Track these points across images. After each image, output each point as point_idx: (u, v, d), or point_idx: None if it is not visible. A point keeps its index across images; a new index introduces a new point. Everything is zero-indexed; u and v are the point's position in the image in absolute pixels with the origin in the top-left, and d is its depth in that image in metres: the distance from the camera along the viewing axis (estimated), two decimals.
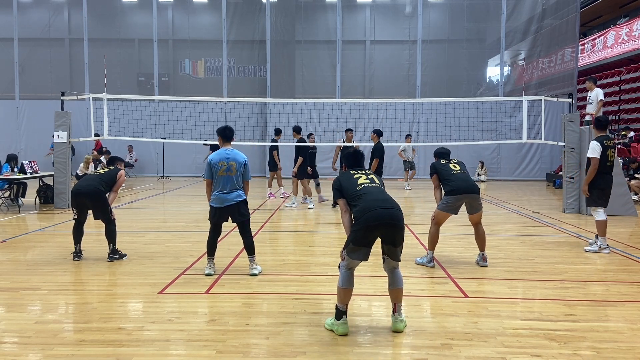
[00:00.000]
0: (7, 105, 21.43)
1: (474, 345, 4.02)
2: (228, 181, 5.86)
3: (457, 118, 17.39)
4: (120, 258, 6.77)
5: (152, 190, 16.09)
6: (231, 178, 5.85)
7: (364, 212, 4.18)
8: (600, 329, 4.38)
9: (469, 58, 21.40)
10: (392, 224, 4.18)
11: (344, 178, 4.54)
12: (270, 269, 6.36)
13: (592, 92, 11.74)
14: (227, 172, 5.82)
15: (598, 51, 21.42)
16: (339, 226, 9.20)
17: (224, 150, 5.98)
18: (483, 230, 6.70)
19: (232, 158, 5.88)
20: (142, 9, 22.48)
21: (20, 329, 4.32)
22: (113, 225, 6.79)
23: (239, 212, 5.93)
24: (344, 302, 4.26)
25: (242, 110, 20.18)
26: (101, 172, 6.98)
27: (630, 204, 11.04)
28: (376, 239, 4.27)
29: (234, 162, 5.87)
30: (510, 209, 12.08)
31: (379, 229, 4.18)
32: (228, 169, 5.82)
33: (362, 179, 4.47)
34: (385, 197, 4.33)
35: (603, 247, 7.37)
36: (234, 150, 6.03)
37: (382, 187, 4.52)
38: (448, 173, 6.55)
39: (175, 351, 3.92)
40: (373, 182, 4.47)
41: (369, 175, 4.55)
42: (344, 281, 4.27)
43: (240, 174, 5.92)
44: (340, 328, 4.23)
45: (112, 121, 13.63)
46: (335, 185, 4.54)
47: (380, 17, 22.34)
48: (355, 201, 4.31)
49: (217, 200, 5.88)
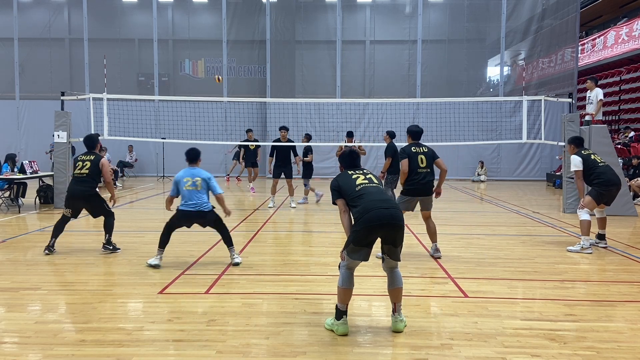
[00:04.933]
0: (7, 105, 21.43)
1: (474, 345, 4.02)
2: (193, 194, 6.36)
3: (457, 118, 17.38)
4: (113, 250, 7.07)
5: (152, 190, 16.09)
6: (196, 192, 6.38)
7: (364, 212, 4.17)
8: (600, 329, 4.38)
9: (469, 58, 21.40)
10: (392, 224, 4.18)
11: (342, 178, 4.52)
12: (270, 269, 6.36)
13: (592, 92, 11.75)
14: (192, 186, 6.37)
15: (598, 51, 21.42)
16: (338, 226, 9.19)
17: (188, 168, 6.52)
18: (434, 224, 7.03)
19: (196, 174, 6.44)
20: (142, 9, 22.49)
21: (20, 329, 4.32)
22: (112, 218, 7.19)
23: (206, 218, 6.44)
24: (344, 302, 4.27)
25: (242, 110, 20.19)
26: (86, 172, 7.14)
27: (630, 204, 11.04)
28: (377, 239, 4.27)
29: (199, 177, 6.41)
30: (510, 209, 12.08)
31: (380, 229, 4.17)
32: (193, 184, 6.38)
33: (360, 179, 4.45)
34: (384, 197, 4.32)
35: (585, 247, 7.27)
36: (197, 168, 6.55)
37: (381, 186, 4.52)
38: (414, 166, 6.82)
39: (175, 351, 3.92)
40: (371, 182, 4.45)
41: (367, 175, 4.53)
42: (344, 281, 4.27)
43: (204, 188, 6.43)
44: (340, 328, 4.24)
45: (112, 121, 13.63)
46: (333, 186, 4.51)
47: (380, 17, 22.34)
48: (354, 202, 4.30)
49: (183, 206, 6.41)
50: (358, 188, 4.35)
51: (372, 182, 4.45)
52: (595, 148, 10.88)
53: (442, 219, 10.37)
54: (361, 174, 4.52)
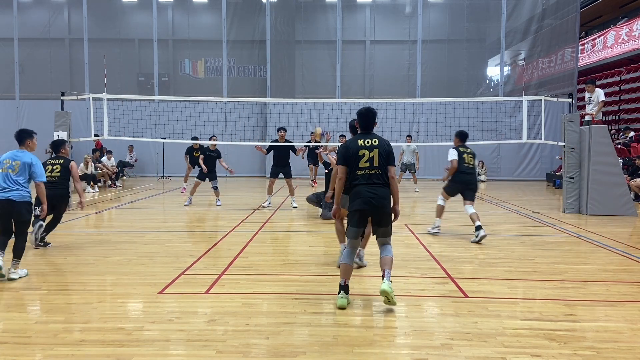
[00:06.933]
0: (7, 105, 21.44)
1: (474, 345, 4.02)
2: (7, 177, 5.88)
3: (457, 118, 17.36)
4: (44, 246, 7.39)
5: (152, 190, 16.09)
6: (8, 175, 5.88)
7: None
8: (600, 329, 4.38)
9: (469, 58, 21.40)
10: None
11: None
12: (270, 269, 6.36)
13: (593, 93, 11.76)
14: (9, 169, 5.91)
15: (598, 51, 21.43)
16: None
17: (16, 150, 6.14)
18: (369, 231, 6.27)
19: (19, 158, 6.01)
20: (142, 9, 22.49)
21: (20, 329, 4.32)
22: (60, 219, 7.63)
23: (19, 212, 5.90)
24: (343, 277, 4.86)
25: (242, 110, 20.18)
26: (57, 176, 7.44)
27: (630, 204, 11.04)
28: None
29: (19, 161, 5.97)
30: (510, 209, 12.08)
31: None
32: (11, 167, 5.93)
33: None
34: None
35: (434, 227, 8.63)
36: (24, 151, 6.15)
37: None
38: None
39: (175, 351, 3.92)
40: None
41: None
42: (344, 258, 4.94)
43: (23, 172, 5.94)
44: (339, 301, 4.77)
45: (112, 121, 13.62)
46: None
47: (380, 17, 22.35)
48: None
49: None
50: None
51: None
52: (595, 148, 10.91)
53: (442, 219, 10.37)
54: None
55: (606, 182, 10.87)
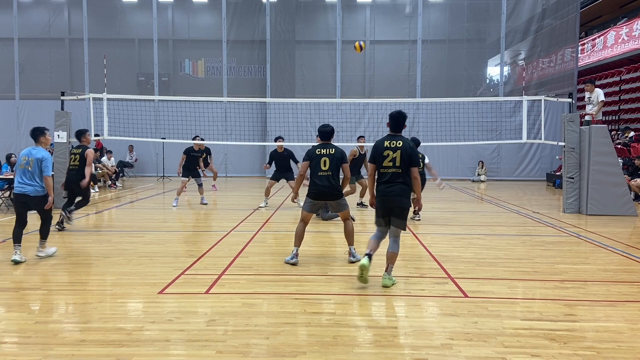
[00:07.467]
0: (7, 105, 21.44)
1: (474, 345, 4.02)
2: (25, 173, 6.44)
3: (457, 118, 17.38)
4: (63, 228, 8.48)
5: (152, 190, 16.09)
6: (26, 171, 6.45)
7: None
8: (600, 329, 4.38)
9: (468, 58, 21.40)
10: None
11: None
12: (270, 269, 6.36)
13: (593, 93, 11.76)
14: (26, 165, 6.43)
15: (598, 51, 21.43)
16: (338, 226, 9.18)
17: (31, 147, 6.66)
18: (351, 226, 6.57)
19: (33, 155, 6.48)
20: (142, 9, 22.48)
21: (20, 329, 4.32)
22: (88, 198, 8.73)
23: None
24: (368, 248, 5.43)
25: (242, 110, 20.19)
26: (77, 164, 8.48)
27: (630, 204, 11.03)
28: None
29: (33, 158, 6.46)
30: (510, 209, 12.08)
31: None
32: (27, 163, 6.44)
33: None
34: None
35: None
36: (39, 147, 6.63)
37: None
38: (315, 169, 6.39)
39: (175, 351, 3.92)
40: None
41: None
42: (373, 236, 5.60)
43: (37, 168, 6.44)
44: (362, 261, 5.30)
45: (112, 121, 13.63)
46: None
47: (380, 17, 22.33)
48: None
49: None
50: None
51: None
52: (595, 148, 10.91)
53: (443, 219, 10.39)
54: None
55: (606, 182, 10.87)
